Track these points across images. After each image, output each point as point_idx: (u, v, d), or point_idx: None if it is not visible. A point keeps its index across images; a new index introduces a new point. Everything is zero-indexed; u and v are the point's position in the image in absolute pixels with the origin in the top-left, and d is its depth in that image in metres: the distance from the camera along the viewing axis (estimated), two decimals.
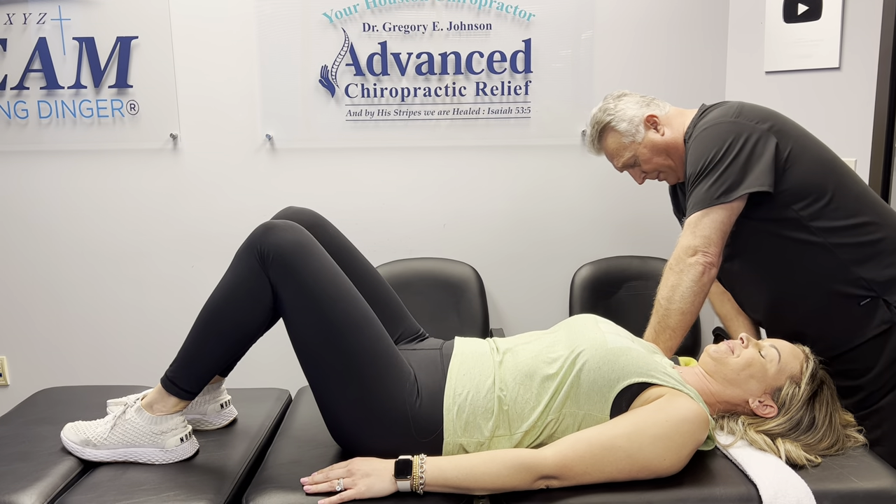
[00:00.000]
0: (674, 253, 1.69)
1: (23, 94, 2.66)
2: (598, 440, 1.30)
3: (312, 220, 1.64)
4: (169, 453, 1.48)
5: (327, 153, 2.71)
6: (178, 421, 1.49)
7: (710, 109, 1.82)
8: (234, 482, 1.43)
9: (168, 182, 2.73)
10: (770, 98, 2.54)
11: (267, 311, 1.44)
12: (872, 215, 1.66)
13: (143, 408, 1.48)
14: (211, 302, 1.45)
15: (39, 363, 2.85)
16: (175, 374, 1.47)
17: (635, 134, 1.89)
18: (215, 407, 1.65)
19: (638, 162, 1.92)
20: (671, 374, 1.39)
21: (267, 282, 1.41)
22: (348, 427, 1.43)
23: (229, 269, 1.45)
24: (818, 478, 1.32)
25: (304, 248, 1.42)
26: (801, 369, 1.45)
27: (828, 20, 2.33)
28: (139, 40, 2.63)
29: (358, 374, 1.40)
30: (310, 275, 1.41)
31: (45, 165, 2.72)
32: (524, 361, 1.44)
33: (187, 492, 1.37)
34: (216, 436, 1.62)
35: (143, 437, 1.47)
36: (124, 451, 1.48)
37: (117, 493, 1.37)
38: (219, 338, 1.45)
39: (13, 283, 2.80)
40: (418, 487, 1.29)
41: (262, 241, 1.41)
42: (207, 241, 2.76)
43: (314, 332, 1.41)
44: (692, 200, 1.68)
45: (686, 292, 1.65)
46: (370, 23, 2.62)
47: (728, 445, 1.41)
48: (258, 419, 1.72)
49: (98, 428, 1.50)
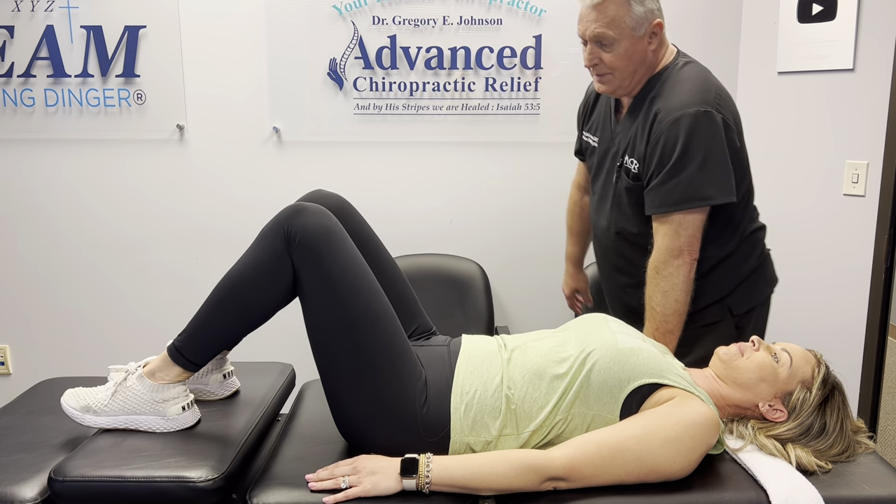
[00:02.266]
0: (657, 255, 1.67)
1: (29, 82, 2.65)
2: (607, 442, 1.28)
3: (340, 206, 1.61)
4: (170, 422, 1.46)
5: (334, 146, 2.70)
6: (181, 390, 1.47)
7: (685, 65, 1.76)
8: (236, 450, 1.41)
9: (174, 173, 2.72)
10: (782, 99, 2.52)
11: (286, 293, 1.42)
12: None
13: (144, 375, 1.46)
14: (230, 277, 1.43)
15: (42, 353, 2.84)
16: (183, 344, 1.45)
17: (637, 26, 1.68)
18: (218, 377, 1.62)
19: (611, 49, 1.69)
20: (683, 376, 1.37)
21: (290, 264, 1.39)
22: (356, 421, 1.41)
23: (252, 247, 1.43)
24: (829, 484, 1.30)
25: (332, 235, 1.40)
26: (812, 374, 1.44)
27: (842, 21, 2.31)
28: (147, 30, 2.61)
29: (371, 369, 1.39)
30: (334, 262, 1.39)
31: (50, 154, 2.71)
32: (533, 360, 1.42)
33: (188, 459, 1.35)
34: (218, 406, 1.60)
35: (144, 405, 1.45)
36: (125, 419, 1.46)
37: (117, 458, 1.35)
38: (233, 313, 1.43)
39: (17, 271, 2.79)
40: (424, 486, 1.28)
41: (289, 222, 1.39)
42: (213, 233, 2.75)
43: (331, 320, 1.39)
44: (671, 195, 1.64)
45: (679, 294, 1.66)
46: (380, 16, 2.60)
47: (738, 450, 1.39)
48: (261, 391, 1.69)
49: (99, 394, 1.48)
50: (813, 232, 2.47)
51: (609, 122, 1.87)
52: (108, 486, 1.31)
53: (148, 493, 1.31)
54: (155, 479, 1.31)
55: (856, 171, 2.32)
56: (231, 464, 1.37)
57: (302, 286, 1.40)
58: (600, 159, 1.90)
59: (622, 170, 1.79)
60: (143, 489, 1.31)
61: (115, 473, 1.32)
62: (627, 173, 1.76)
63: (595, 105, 1.97)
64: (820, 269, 2.46)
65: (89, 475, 1.32)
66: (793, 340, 1.53)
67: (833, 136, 2.40)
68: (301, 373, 1.90)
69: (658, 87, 1.73)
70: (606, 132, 1.88)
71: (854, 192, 2.34)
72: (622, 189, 1.80)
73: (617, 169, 1.81)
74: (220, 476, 1.33)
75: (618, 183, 1.81)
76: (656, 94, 1.72)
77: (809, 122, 2.46)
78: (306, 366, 1.92)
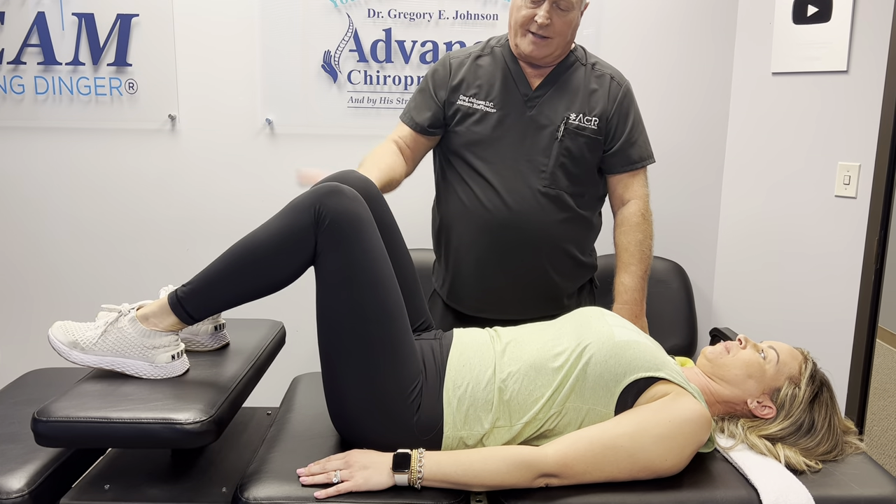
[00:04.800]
0: (641, 203, 1.91)
1: (19, 69, 2.62)
2: (599, 439, 1.29)
3: (368, 190, 1.57)
4: (158, 368, 1.43)
5: (327, 139, 2.68)
6: (172, 339, 1.44)
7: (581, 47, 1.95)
8: (225, 396, 1.39)
9: (165, 163, 2.70)
10: (776, 100, 2.53)
11: (302, 269, 1.40)
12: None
13: (137, 319, 1.42)
14: (250, 241, 1.40)
15: (30, 343, 2.81)
16: (186, 296, 1.41)
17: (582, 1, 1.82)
18: (208, 329, 1.60)
19: (565, 15, 1.78)
20: (678, 371, 1.38)
21: (313, 243, 1.37)
22: (351, 412, 1.40)
23: (280, 216, 1.40)
24: (819, 484, 1.31)
25: (361, 224, 1.39)
26: (799, 370, 1.45)
27: (837, 23, 2.31)
28: (140, 18, 2.58)
29: (374, 363, 1.38)
30: (358, 252, 1.37)
31: (40, 142, 2.68)
32: (529, 353, 1.42)
33: (176, 402, 1.33)
34: (208, 356, 1.58)
35: (133, 349, 1.41)
36: (112, 360, 1.42)
37: (103, 401, 1.33)
38: (245, 278, 1.39)
39: (4, 260, 2.76)
40: (416, 482, 1.27)
41: (323, 201, 1.37)
42: (204, 224, 2.73)
43: (344, 308, 1.37)
44: (644, 150, 1.93)
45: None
46: (375, 9, 2.59)
47: (729, 448, 1.40)
48: (251, 344, 1.68)
49: (88, 332, 1.43)
50: (804, 233, 2.48)
51: (516, 88, 1.87)
52: (94, 427, 1.28)
53: (134, 434, 1.28)
54: (141, 420, 1.28)
55: (847, 172, 2.34)
56: (219, 408, 1.34)
57: (321, 268, 1.38)
58: (509, 123, 1.87)
59: (572, 128, 1.84)
60: (129, 430, 1.28)
61: (101, 415, 1.29)
62: (582, 130, 1.85)
63: (465, 72, 1.91)
64: (810, 269, 2.47)
65: (74, 416, 1.29)
66: (782, 340, 1.54)
67: (825, 138, 2.41)
68: (295, 383, 1.89)
69: (585, 57, 1.92)
70: (513, 98, 1.87)
71: (845, 193, 2.35)
72: (571, 147, 1.85)
73: (562, 128, 1.84)
74: (209, 419, 1.30)
75: (563, 141, 1.84)
76: (595, 62, 1.92)
77: (802, 123, 2.47)
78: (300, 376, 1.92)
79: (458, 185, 1.91)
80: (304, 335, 2.78)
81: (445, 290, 2.00)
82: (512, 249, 1.86)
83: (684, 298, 2.66)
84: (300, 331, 2.75)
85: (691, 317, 2.65)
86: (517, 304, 1.90)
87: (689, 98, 2.69)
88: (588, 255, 1.99)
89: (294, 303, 2.14)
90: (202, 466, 1.51)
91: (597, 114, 1.86)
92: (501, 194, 1.85)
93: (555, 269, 1.90)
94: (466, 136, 1.89)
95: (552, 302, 1.92)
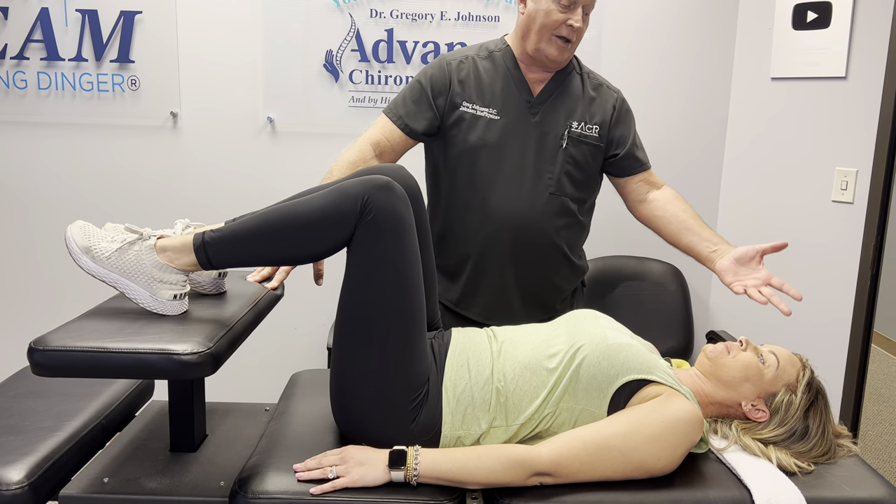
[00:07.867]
0: (670, 188, 1.95)
1: (22, 65, 2.63)
2: (593, 439, 1.30)
3: (411, 189, 1.56)
4: (157, 303, 1.41)
5: (328, 138, 2.70)
6: (181, 278, 1.42)
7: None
8: (224, 331, 1.38)
9: (166, 160, 2.71)
10: (775, 105, 2.54)
11: (331, 252, 1.39)
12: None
13: (155, 248, 1.41)
14: (290, 211, 1.38)
15: (30, 337, 2.82)
16: (213, 242, 1.39)
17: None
18: (213, 273, 1.58)
19: (586, 20, 1.81)
20: (669, 373, 1.39)
21: (351, 231, 1.35)
22: (356, 404, 1.40)
23: (327, 195, 1.38)
24: (811, 485, 1.32)
25: (403, 225, 1.38)
26: (797, 378, 1.45)
27: (836, 29, 2.33)
28: (143, 15, 2.60)
29: (386, 362, 1.38)
30: (394, 251, 1.37)
31: (42, 137, 2.69)
32: (524, 353, 1.43)
33: (174, 335, 1.31)
34: (207, 299, 1.57)
35: (140, 276, 1.40)
36: (117, 278, 1.40)
37: (100, 333, 1.32)
38: (274, 245, 1.38)
39: (5, 255, 2.77)
40: (412, 479, 1.28)
41: (373, 193, 1.35)
42: (204, 221, 2.69)
43: (368, 302, 1.37)
44: (645, 153, 1.96)
45: None
46: (377, 9, 2.60)
47: (722, 449, 1.41)
48: (251, 291, 1.66)
49: (104, 243, 1.42)
50: (801, 237, 2.49)
51: (520, 95, 1.87)
52: (90, 357, 1.27)
53: (131, 364, 1.26)
54: (139, 350, 1.26)
55: (845, 178, 2.35)
56: (217, 342, 1.32)
57: (354, 259, 1.38)
58: (513, 130, 1.86)
59: (575, 136, 1.86)
60: (126, 360, 1.26)
61: (98, 345, 1.28)
62: (584, 138, 1.87)
63: (464, 77, 1.88)
64: (806, 274, 2.48)
65: (71, 346, 1.28)
66: (777, 344, 1.55)
67: (823, 143, 2.42)
68: (293, 381, 1.89)
69: (579, 66, 1.93)
70: (516, 104, 1.86)
71: (843, 198, 2.37)
72: (575, 154, 1.86)
73: (566, 136, 1.85)
74: (206, 352, 1.28)
75: (568, 149, 1.85)
76: (588, 71, 1.94)
77: (801, 128, 2.48)
78: (298, 372, 1.91)
79: (461, 192, 1.88)
80: (303, 333, 2.81)
81: (453, 298, 1.96)
82: (523, 256, 1.86)
83: (681, 301, 2.67)
84: (298, 329, 2.77)
85: (688, 319, 2.66)
86: (521, 310, 1.91)
87: (689, 102, 2.71)
88: (580, 259, 2.02)
89: (293, 302, 2.15)
90: (200, 461, 1.52)
91: (597, 122, 1.88)
92: (511, 201, 1.83)
93: (557, 273, 1.92)
94: (470, 143, 1.85)
95: (548, 305, 1.94)
